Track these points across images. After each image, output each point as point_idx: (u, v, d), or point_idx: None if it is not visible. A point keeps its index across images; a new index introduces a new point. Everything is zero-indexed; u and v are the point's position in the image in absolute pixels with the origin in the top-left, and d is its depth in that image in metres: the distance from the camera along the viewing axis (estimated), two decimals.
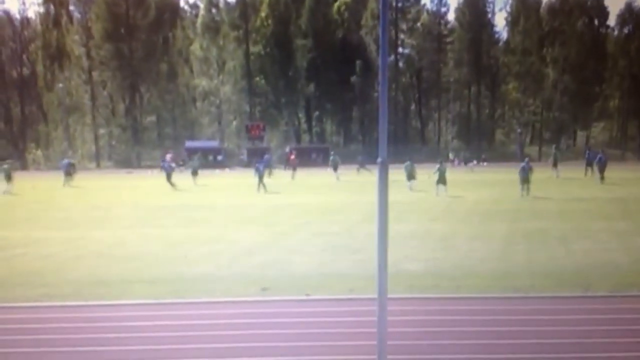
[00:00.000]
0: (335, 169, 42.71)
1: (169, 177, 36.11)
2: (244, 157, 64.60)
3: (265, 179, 34.85)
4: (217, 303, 9.82)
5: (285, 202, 26.72)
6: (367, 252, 13.39)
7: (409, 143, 71.03)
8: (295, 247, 15.08)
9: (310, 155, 63.44)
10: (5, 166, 38.33)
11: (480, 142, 73.93)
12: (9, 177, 36.09)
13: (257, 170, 34.05)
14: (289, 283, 11.10)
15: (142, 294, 10.44)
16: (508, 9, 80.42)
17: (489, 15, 77.90)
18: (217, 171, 54.77)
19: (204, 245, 15.62)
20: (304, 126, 79.09)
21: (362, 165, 47.35)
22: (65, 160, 46.50)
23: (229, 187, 36.81)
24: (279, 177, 43.71)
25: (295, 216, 21.69)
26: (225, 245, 15.45)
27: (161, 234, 17.55)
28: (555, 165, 40.13)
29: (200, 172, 42.21)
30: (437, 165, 29.23)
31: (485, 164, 61.22)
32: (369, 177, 40.34)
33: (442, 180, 28.44)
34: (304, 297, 9.87)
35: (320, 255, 13.82)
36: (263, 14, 74.85)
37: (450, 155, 62.55)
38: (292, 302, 9.82)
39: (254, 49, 74.79)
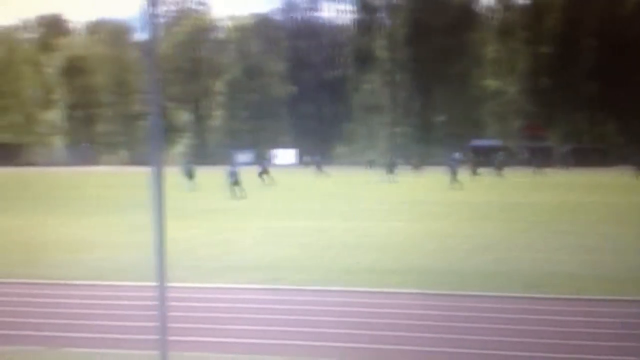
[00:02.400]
0: None
1: (454, 175, 36.91)
2: (525, 155, 66.92)
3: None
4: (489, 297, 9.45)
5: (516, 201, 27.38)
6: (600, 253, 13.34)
7: None
8: (529, 244, 14.57)
9: (589, 154, 64.19)
10: (188, 164, 38.63)
11: None
12: (190, 175, 35.67)
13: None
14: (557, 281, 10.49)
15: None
16: None
17: None
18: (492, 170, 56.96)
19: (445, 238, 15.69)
20: (585, 126, 78.80)
21: None
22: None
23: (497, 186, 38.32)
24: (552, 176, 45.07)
25: (534, 214, 21.68)
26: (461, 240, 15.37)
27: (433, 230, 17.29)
28: None
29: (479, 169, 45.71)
30: None
31: None
32: None
33: None
34: (573, 296, 9.49)
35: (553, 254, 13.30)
36: (554, 15, 76.19)
37: None
38: (562, 300, 9.31)
39: (541, 49, 76.68)
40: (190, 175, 36.00)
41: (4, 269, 11.81)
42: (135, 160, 76.68)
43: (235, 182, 29.84)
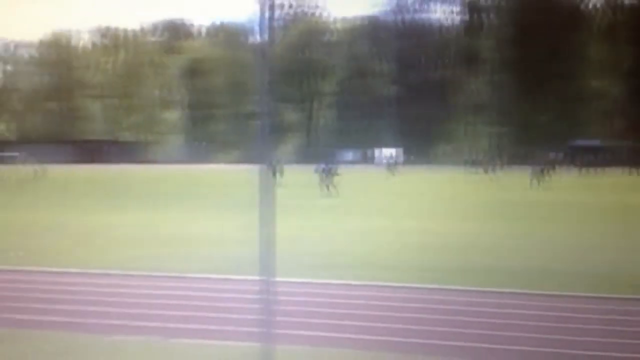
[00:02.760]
0: None
1: (545, 174, 37.00)
2: (626, 155, 64.95)
3: None
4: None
5: None
6: None
7: None
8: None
9: None
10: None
11: None
12: (279, 172, 36.12)
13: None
14: None
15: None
16: None
17: None
18: None
19: None
20: None
21: None
22: None
23: None
24: None
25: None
26: None
27: None
28: None
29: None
30: None
31: None
32: None
33: None
34: None
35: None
36: None
37: None
38: None
39: None
40: (278, 172, 37.04)
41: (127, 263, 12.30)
42: (247, 159, 79.16)
43: (327, 179, 30.39)
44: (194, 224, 19.32)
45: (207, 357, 7.12)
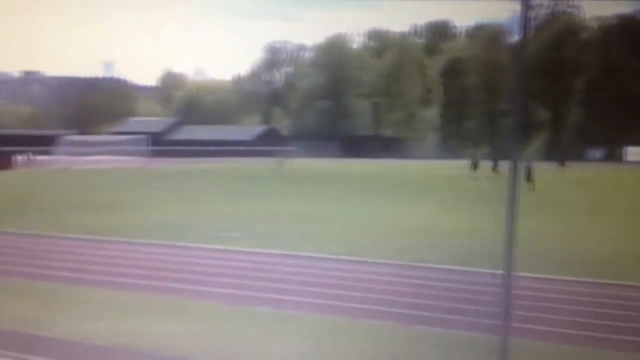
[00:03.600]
0: None
1: None
2: None
3: None
4: None
5: None
6: None
7: None
8: None
9: None
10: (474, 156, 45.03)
11: None
12: (475, 165, 42.63)
13: None
14: None
15: None
16: None
17: None
18: None
19: None
20: None
21: None
22: None
23: None
24: None
25: None
26: None
27: None
28: None
29: None
30: None
31: None
32: None
33: None
34: None
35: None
36: None
37: None
38: None
39: None
40: (475, 166, 42.80)
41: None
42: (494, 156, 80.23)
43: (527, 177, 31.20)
44: (444, 216, 21.13)
45: (448, 346, 7.65)
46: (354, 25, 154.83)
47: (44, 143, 62.84)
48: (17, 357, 7.53)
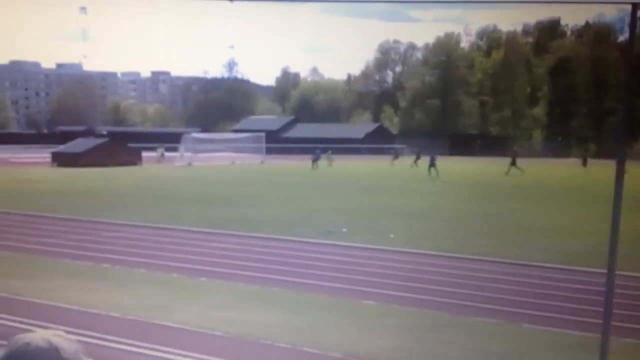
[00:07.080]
0: None
1: None
2: None
3: None
4: None
5: None
6: None
7: None
8: None
9: None
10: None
11: None
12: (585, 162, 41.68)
13: None
14: None
15: None
16: None
17: None
18: None
19: None
20: None
21: None
22: None
23: None
24: None
25: None
26: None
27: None
28: None
29: None
30: None
31: None
32: None
33: None
34: None
35: None
36: None
37: None
38: None
39: None
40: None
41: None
42: (601, 154, 76.32)
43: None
44: (550, 215, 20.76)
45: (546, 343, 7.64)
46: (464, 25, 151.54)
47: (170, 140, 65.30)
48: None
